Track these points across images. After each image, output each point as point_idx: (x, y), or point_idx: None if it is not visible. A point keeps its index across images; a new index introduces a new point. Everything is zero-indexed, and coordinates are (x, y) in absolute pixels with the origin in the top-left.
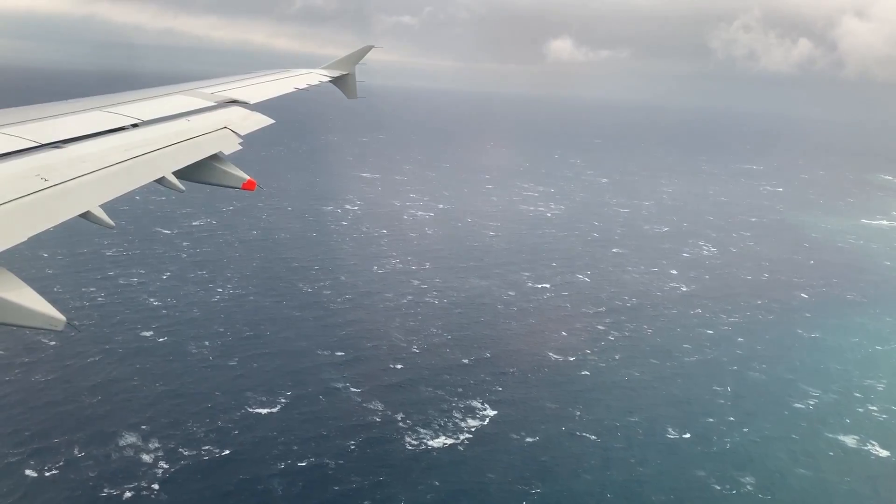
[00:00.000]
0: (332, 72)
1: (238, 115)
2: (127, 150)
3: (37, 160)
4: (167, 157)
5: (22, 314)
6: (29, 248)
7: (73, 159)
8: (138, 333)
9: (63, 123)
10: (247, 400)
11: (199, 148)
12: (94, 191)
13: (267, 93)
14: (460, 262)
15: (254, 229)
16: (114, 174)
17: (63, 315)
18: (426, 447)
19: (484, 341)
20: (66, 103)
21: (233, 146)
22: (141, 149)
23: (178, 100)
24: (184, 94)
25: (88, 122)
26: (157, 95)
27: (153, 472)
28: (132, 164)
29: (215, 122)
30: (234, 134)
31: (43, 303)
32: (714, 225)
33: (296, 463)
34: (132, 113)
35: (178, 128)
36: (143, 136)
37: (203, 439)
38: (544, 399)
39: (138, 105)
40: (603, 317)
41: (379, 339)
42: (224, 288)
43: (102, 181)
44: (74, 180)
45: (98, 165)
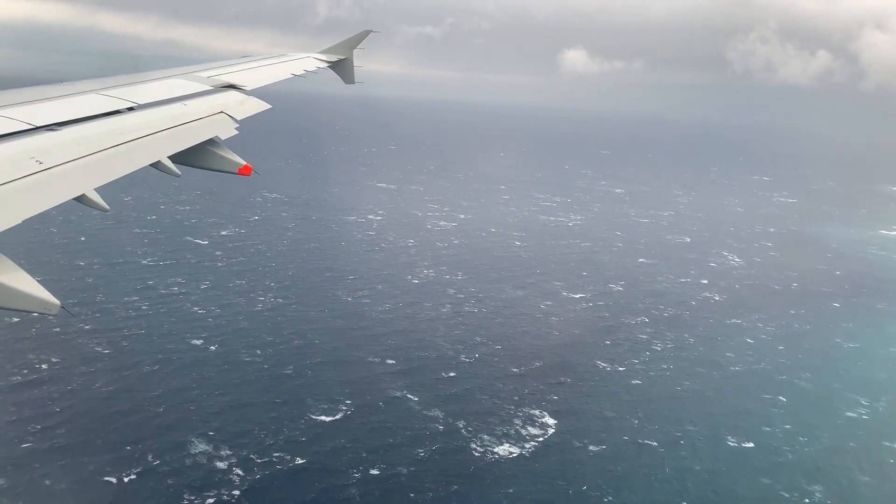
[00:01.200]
0: (331, 56)
1: (235, 99)
2: (122, 133)
3: (32, 143)
4: (163, 141)
5: (17, 298)
6: (65, 257)
7: (68, 142)
8: (189, 342)
9: (58, 106)
10: (308, 408)
11: (195, 132)
12: (89, 174)
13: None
14: (492, 272)
15: (283, 239)
16: (109, 157)
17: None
18: (493, 455)
19: (531, 350)
20: (61, 86)
21: (229, 131)
22: (136, 132)
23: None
24: (180, 78)
25: (84, 105)
26: (154, 79)
27: (230, 479)
28: (128, 148)
29: (212, 107)
30: (231, 119)
31: (38, 287)
32: (734, 235)
33: (369, 471)
34: (128, 96)
35: (174, 112)
36: (138, 119)
37: (273, 447)
38: (601, 408)
39: (134, 88)
40: (643, 326)
41: (427, 349)
42: (265, 297)
43: (98, 164)
44: (70, 163)
45: (93, 148)
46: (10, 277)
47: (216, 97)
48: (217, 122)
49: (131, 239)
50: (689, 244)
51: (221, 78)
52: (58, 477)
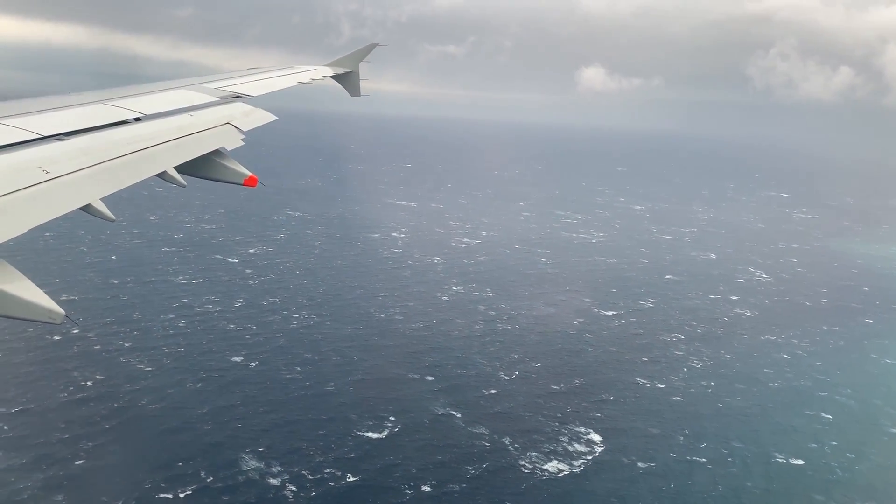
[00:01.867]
0: (336, 69)
1: (241, 110)
2: (129, 143)
3: (39, 152)
4: (169, 152)
5: (21, 307)
6: (98, 276)
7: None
8: (229, 360)
9: (65, 116)
10: (354, 425)
11: (201, 143)
12: (95, 184)
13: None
14: (521, 289)
15: (310, 256)
16: (115, 167)
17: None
18: (543, 473)
19: (569, 368)
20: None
21: (235, 142)
22: (143, 143)
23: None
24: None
25: (91, 116)
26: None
27: (284, 495)
28: (134, 158)
29: (218, 118)
30: (237, 129)
31: (42, 295)
32: (758, 251)
33: (420, 487)
34: (135, 107)
35: (180, 122)
36: (145, 130)
37: (323, 464)
38: (645, 425)
39: (141, 99)
40: (679, 343)
41: (465, 366)
42: (300, 314)
43: (104, 174)
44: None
45: (100, 158)
46: (15, 286)
47: (223, 108)
48: (223, 133)
49: (161, 257)
50: (714, 260)
51: (228, 89)
52: (115, 494)
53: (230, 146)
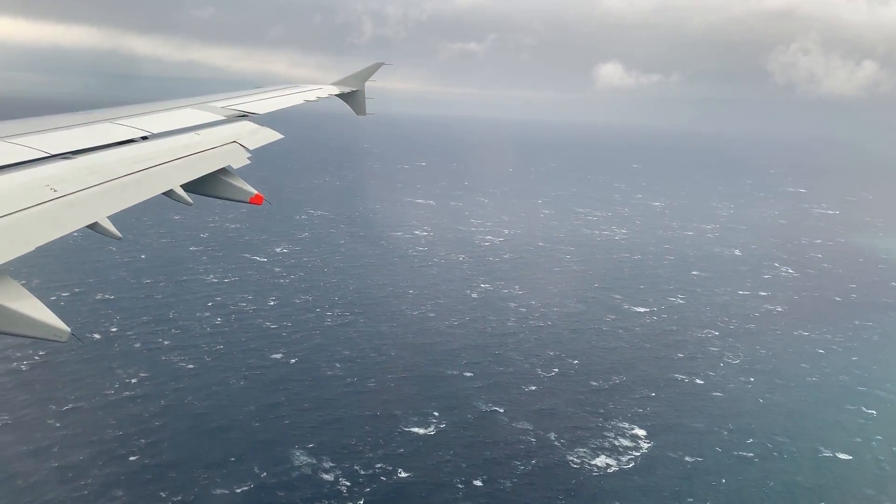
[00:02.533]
0: (342, 87)
1: (247, 129)
2: (136, 162)
3: (46, 171)
4: (176, 170)
5: (27, 324)
6: (130, 274)
7: (82, 170)
8: (269, 357)
9: (73, 135)
10: (400, 421)
11: (207, 161)
12: (102, 202)
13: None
14: (549, 286)
15: (337, 255)
16: (122, 186)
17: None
18: (592, 467)
19: (607, 364)
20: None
21: (241, 160)
22: (150, 161)
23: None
24: (193, 108)
25: (98, 134)
26: (167, 109)
27: (338, 490)
28: (141, 177)
29: (224, 136)
30: (243, 148)
31: (47, 313)
32: (782, 247)
33: (472, 482)
34: (142, 125)
35: (187, 141)
36: (152, 148)
37: (374, 459)
38: (688, 420)
39: (148, 118)
40: (713, 339)
41: (502, 363)
42: (333, 312)
43: (111, 193)
44: (83, 191)
45: (107, 177)
46: (21, 304)
47: (229, 127)
48: (230, 152)
49: (190, 256)
50: (739, 257)
51: (235, 107)
52: (173, 490)
53: (237, 164)
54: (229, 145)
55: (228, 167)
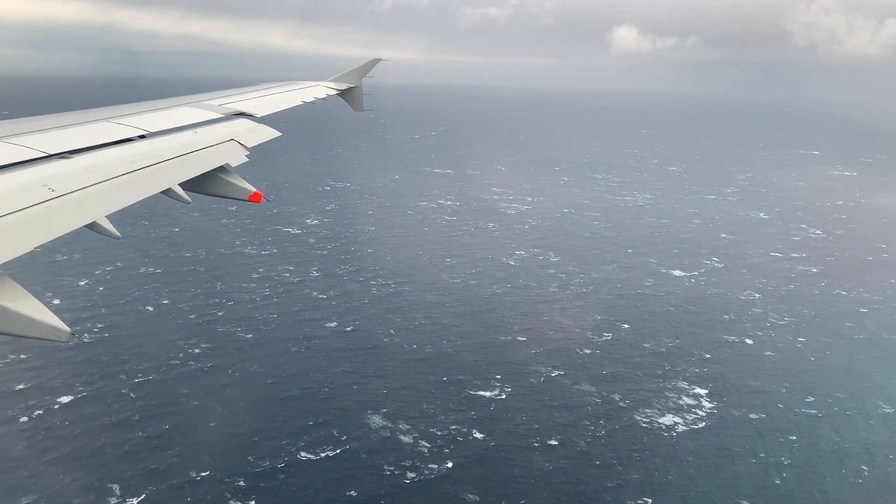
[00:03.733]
0: (340, 84)
1: (245, 127)
2: (134, 161)
3: (44, 170)
4: (174, 169)
5: (27, 325)
6: (171, 248)
7: (80, 170)
8: (324, 325)
9: (70, 134)
10: (466, 386)
11: (205, 160)
12: (100, 201)
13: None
14: (584, 252)
15: (368, 225)
16: (120, 185)
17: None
18: (660, 426)
19: (656, 327)
20: (73, 114)
21: (239, 158)
22: (148, 160)
23: (185, 112)
24: (191, 107)
25: (96, 133)
26: (165, 107)
27: (419, 451)
28: (139, 175)
29: (222, 135)
30: (241, 146)
31: (47, 313)
32: (805, 209)
33: (547, 442)
34: (139, 124)
35: (184, 139)
36: (149, 147)
37: (447, 422)
38: (744, 379)
39: (145, 117)
40: (756, 301)
41: (553, 328)
42: (376, 281)
43: (109, 192)
44: (81, 191)
45: (105, 176)
46: (21, 304)
47: (227, 125)
48: (227, 150)
49: (223, 229)
50: (766, 220)
51: (232, 106)
52: (259, 456)
53: (234, 162)
54: (227, 143)
55: (227, 165)
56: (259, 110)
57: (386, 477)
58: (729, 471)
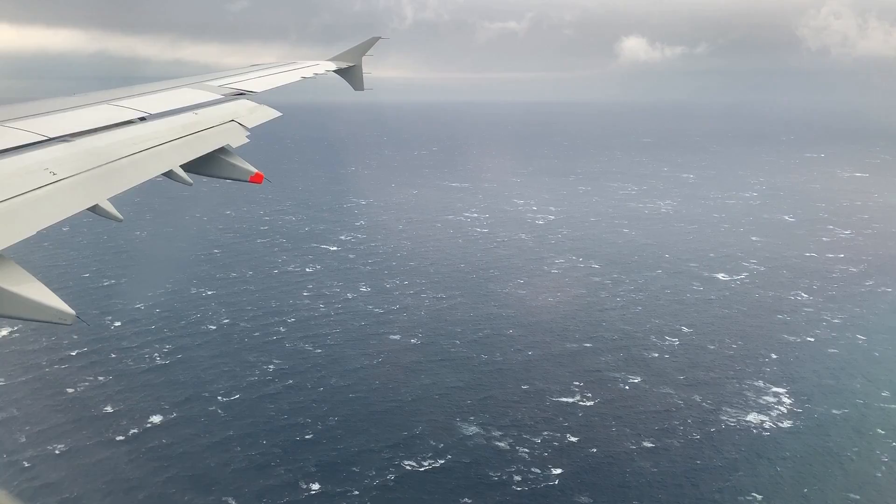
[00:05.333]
0: (340, 63)
1: (245, 107)
2: (134, 143)
3: (45, 154)
4: (175, 151)
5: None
6: (215, 268)
7: (80, 153)
8: (389, 338)
9: (71, 117)
10: (548, 393)
11: (206, 141)
12: (102, 184)
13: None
14: (623, 259)
15: (402, 239)
16: (122, 168)
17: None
18: (747, 424)
19: (718, 329)
20: (74, 97)
21: (240, 139)
22: (148, 142)
23: (185, 93)
24: (191, 88)
25: (96, 116)
26: (165, 89)
27: (519, 456)
28: (140, 158)
29: (222, 115)
30: (242, 127)
31: (52, 296)
32: (828, 210)
33: (642, 444)
34: (140, 106)
35: (185, 121)
36: (150, 129)
37: (536, 428)
38: (817, 377)
39: (146, 98)
40: (805, 300)
41: (617, 334)
42: (427, 294)
43: (111, 175)
44: (83, 174)
45: (106, 159)
46: (25, 287)
47: (227, 106)
48: (228, 131)
49: (261, 249)
50: (792, 222)
51: (232, 86)
52: (367, 468)
53: (235, 143)
54: (228, 124)
55: (227, 146)
56: (259, 88)
57: (496, 484)
58: (829, 467)
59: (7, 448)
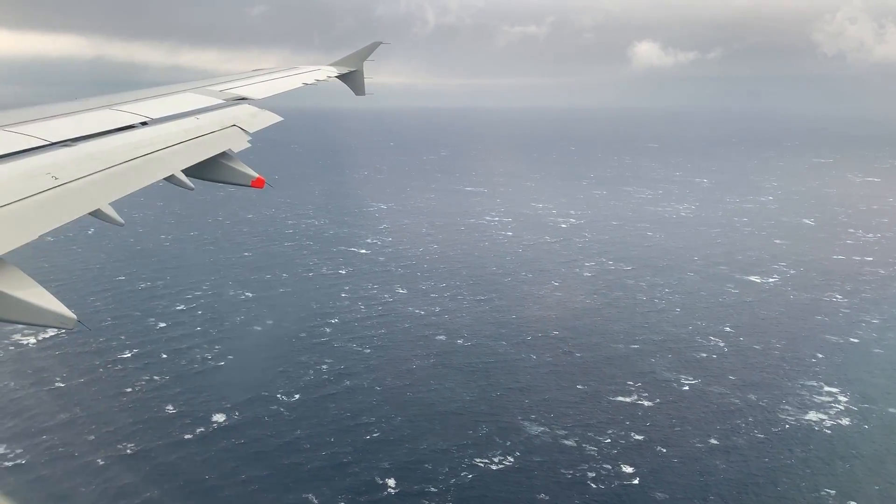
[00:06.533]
0: (341, 68)
1: (247, 112)
2: (136, 148)
3: (47, 158)
4: (176, 155)
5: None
6: (246, 271)
7: (82, 157)
8: (434, 338)
9: (73, 122)
10: (603, 393)
11: (207, 146)
12: (103, 189)
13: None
14: (653, 262)
15: (430, 243)
16: (123, 172)
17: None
18: (807, 422)
19: (761, 329)
20: (75, 102)
21: (242, 144)
22: (150, 147)
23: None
24: (192, 92)
25: (98, 121)
26: (166, 94)
27: (588, 454)
28: (141, 162)
29: (224, 120)
30: (243, 131)
31: (53, 301)
32: (847, 214)
33: (708, 440)
34: (141, 111)
35: (186, 126)
36: (152, 134)
37: (600, 426)
38: (867, 375)
39: (147, 103)
40: (841, 302)
41: (662, 335)
42: (463, 295)
43: (112, 179)
44: (84, 178)
45: (108, 163)
46: (27, 292)
47: (228, 110)
48: (230, 135)
49: (290, 252)
50: (813, 225)
51: (233, 91)
52: (440, 465)
53: (237, 148)
54: (229, 129)
55: (229, 151)
56: (260, 94)
57: (571, 481)
58: None
59: (79, 448)
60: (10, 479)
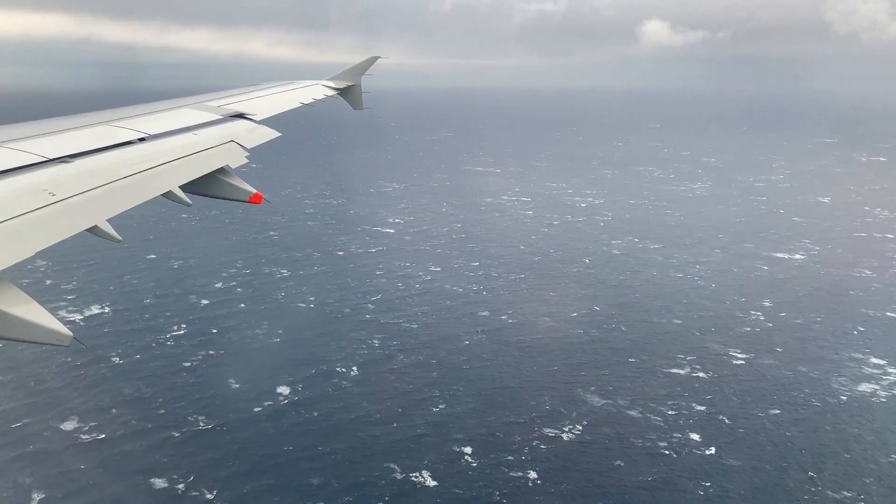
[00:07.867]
0: (339, 83)
1: (244, 128)
2: (134, 164)
3: (45, 175)
4: (174, 171)
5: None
6: (275, 250)
7: (80, 174)
8: (478, 314)
9: (70, 138)
10: (657, 365)
11: (205, 162)
12: (101, 205)
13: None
14: (679, 240)
15: (453, 222)
16: (121, 188)
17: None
18: (861, 393)
19: (798, 305)
20: (73, 118)
21: (239, 159)
22: (148, 163)
23: (184, 114)
24: (190, 108)
25: (96, 137)
26: (164, 109)
27: (654, 424)
28: (139, 179)
29: (222, 136)
30: (241, 147)
31: (49, 317)
32: (860, 192)
33: (769, 412)
34: (139, 127)
35: (184, 142)
36: (149, 150)
37: (661, 397)
38: None
39: (145, 119)
40: (871, 277)
41: (702, 310)
42: (497, 273)
43: (110, 195)
44: (82, 195)
45: (105, 180)
46: (22, 309)
47: (226, 126)
48: (227, 151)
49: (317, 231)
50: (829, 203)
51: (231, 107)
52: (510, 435)
53: (234, 164)
54: (227, 145)
55: (227, 166)
56: (258, 112)
57: (643, 450)
58: None
59: (153, 422)
60: (93, 454)
